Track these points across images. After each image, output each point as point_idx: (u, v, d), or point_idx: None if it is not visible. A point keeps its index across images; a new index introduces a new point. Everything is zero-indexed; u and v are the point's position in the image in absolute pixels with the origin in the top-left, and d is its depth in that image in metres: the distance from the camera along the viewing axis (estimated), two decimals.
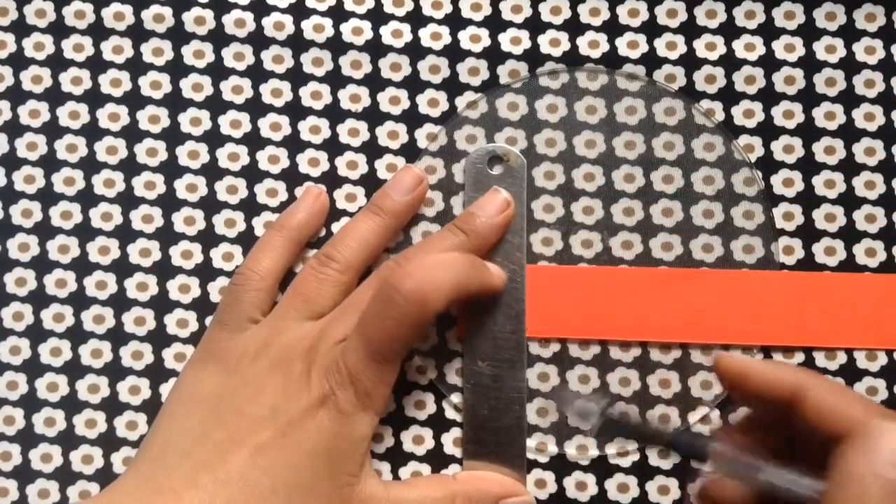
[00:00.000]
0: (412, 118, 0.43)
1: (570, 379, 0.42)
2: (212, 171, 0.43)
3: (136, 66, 0.44)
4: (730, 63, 0.43)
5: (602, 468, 0.42)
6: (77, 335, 0.43)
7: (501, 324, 0.41)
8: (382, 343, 0.36)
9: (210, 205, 0.43)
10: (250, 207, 0.43)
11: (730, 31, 0.43)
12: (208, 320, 0.42)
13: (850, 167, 0.43)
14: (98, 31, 0.44)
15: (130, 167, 0.43)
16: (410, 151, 0.43)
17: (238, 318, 0.40)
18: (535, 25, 0.43)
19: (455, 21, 0.44)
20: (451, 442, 0.42)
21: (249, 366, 0.38)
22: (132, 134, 0.43)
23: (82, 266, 0.43)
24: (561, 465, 0.42)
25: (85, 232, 0.43)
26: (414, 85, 0.43)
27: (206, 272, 0.43)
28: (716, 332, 0.41)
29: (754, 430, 0.35)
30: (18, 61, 0.43)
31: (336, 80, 0.43)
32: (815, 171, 0.43)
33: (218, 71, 0.43)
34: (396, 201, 0.41)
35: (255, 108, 0.43)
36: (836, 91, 0.43)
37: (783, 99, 0.43)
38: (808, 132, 0.43)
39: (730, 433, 0.36)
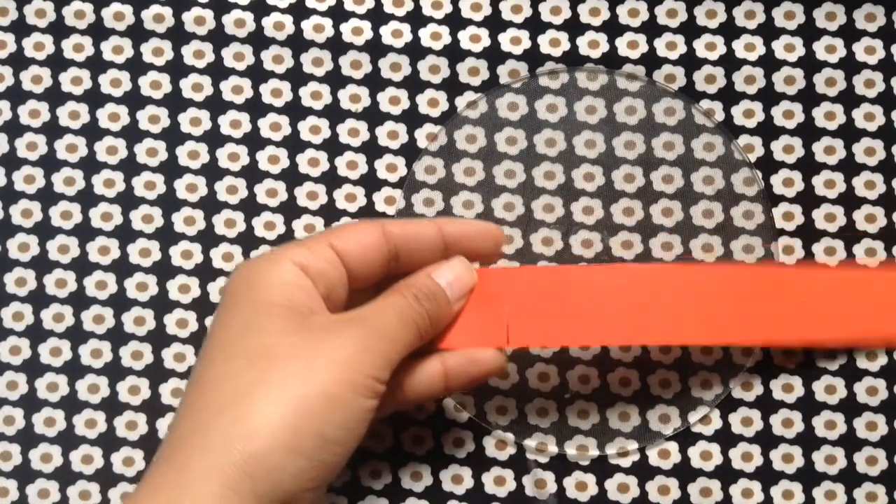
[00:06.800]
0: (412, 118, 0.43)
1: (570, 379, 0.42)
2: (212, 171, 0.43)
3: (136, 66, 0.44)
4: (730, 63, 0.43)
5: (602, 468, 0.42)
6: (77, 335, 0.43)
7: None
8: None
9: (210, 205, 0.43)
10: (250, 207, 0.43)
11: (730, 31, 0.43)
12: (208, 320, 0.42)
13: (850, 167, 0.43)
14: (98, 31, 0.44)
15: (130, 167, 0.43)
16: (410, 151, 0.43)
17: None
18: (535, 25, 0.43)
19: (455, 21, 0.44)
20: (451, 442, 0.42)
21: None
22: (132, 134, 0.43)
23: (82, 266, 0.43)
24: (561, 465, 0.42)
25: (85, 232, 0.43)
26: (414, 85, 0.43)
27: (206, 272, 0.43)
28: (713, 333, 0.40)
29: None
30: (18, 61, 0.43)
31: (336, 80, 0.43)
32: (815, 171, 0.43)
33: (218, 71, 0.43)
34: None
35: (255, 108, 0.43)
36: (836, 91, 0.43)
37: (783, 99, 0.43)
38: (808, 132, 0.43)
39: None
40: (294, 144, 0.43)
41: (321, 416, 0.33)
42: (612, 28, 0.43)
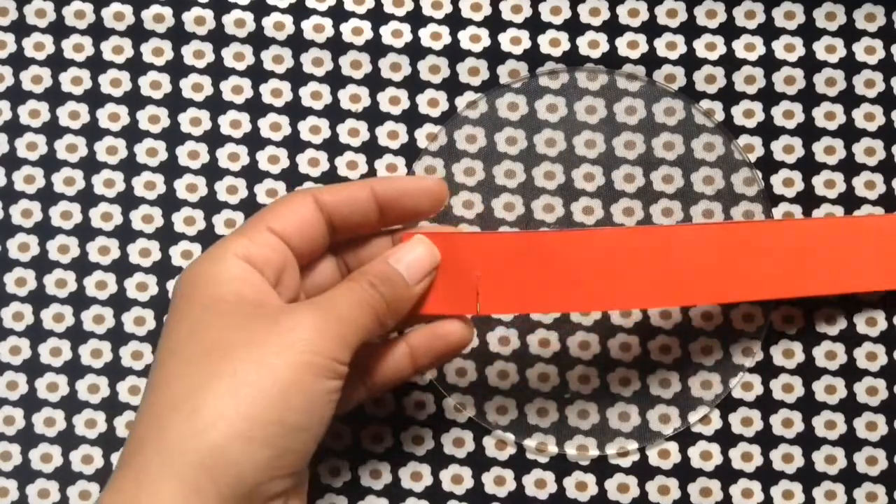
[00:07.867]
0: (412, 118, 0.43)
1: (571, 379, 0.42)
2: (212, 171, 0.43)
3: (136, 66, 0.44)
4: (730, 63, 0.43)
5: (602, 468, 0.42)
6: (77, 335, 0.43)
7: None
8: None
9: (210, 205, 0.43)
10: (250, 207, 0.43)
11: (730, 31, 0.43)
12: None
13: (850, 167, 0.43)
14: (98, 31, 0.44)
15: (130, 167, 0.43)
16: (410, 151, 0.43)
17: None
18: (535, 25, 0.43)
19: (455, 21, 0.44)
20: (451, 442, 0.42)
21: None
22: (132, 134, 0.43)
23: (82, 266, 0.43)
24: (561, 465, 0.42)
25: (85, 232, 0.43)
26: (414, 85, 0.43)
27: None
28: (684, 294, 0.39)
29: None
30: (18, 61, 0.43)
31: (336, 80, 0.43)
32: (815, 171, 0.43)
33: (218, 71, 0.43)
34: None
35: (255, 108, 0.43)
36: (836, 91, 0.43)
37: (783, 99, 0.43)
38: (808, 132, 0.43)
39: None
40: (294, 144, 0.43)
41: (279, 403, 0.32)
42: (612, 28, 0.43)
